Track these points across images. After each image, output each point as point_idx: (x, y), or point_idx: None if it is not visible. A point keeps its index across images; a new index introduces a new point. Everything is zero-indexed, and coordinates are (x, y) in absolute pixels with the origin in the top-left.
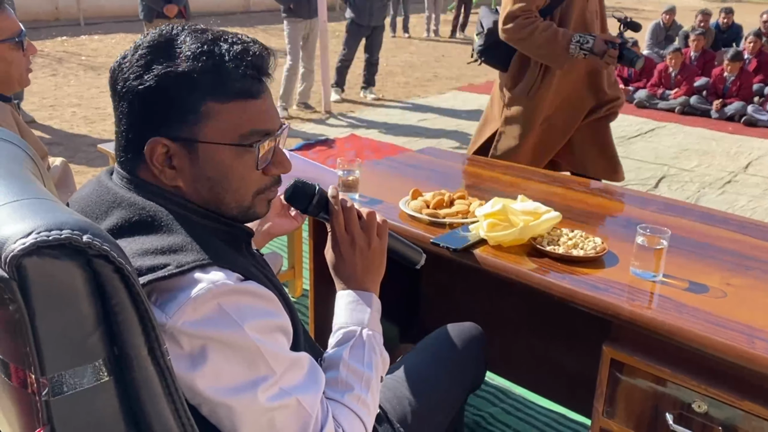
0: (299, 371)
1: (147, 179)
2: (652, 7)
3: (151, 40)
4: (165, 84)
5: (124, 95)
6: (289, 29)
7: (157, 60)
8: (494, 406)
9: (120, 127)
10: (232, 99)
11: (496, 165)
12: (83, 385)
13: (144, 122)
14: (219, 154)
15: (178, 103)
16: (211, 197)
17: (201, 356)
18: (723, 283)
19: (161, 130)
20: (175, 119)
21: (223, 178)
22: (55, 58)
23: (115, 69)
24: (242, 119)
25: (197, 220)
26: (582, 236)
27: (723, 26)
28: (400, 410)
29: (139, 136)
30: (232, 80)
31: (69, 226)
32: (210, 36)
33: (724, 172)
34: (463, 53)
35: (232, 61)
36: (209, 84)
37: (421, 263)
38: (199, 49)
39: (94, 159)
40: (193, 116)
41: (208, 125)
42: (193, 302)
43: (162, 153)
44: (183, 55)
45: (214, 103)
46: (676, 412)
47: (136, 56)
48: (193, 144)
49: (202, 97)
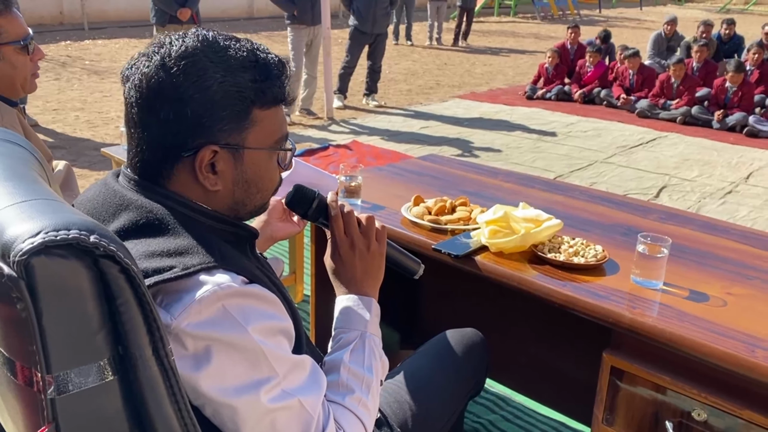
0: (301, 373)
1: (173, 185)
2: (654, 18)
3: (193, 47)
4: (220, 93)
5: (167, 102)
6: (292, 36)
7: (204, 69)
8: (494, 413)
9: (152, 133)
10: (271, 106)
11: (498, 172)
12: (88, 383)
13: (191, 129)
14: (259, 157)
15: (231, 111)
16: (243, 198)
17: (205, 357)
18: (724, 292)
19: (211, 137)
20: (227, 127)
21: (259, 180)
22: (59, 62)
23: (150, 75)
24: (276, 124)
25: (204, 221)
26: (583, 244)
27: (724, 37)
28: (401, 414)
29: (180, 142)
30: (274, 88)
31: (76, 227)
32: (248, 45)
33: (725, 183)
34: (465, 61)
35: (274, 69)
36: (257, 92)
37: (419, 273)
38: (247, 58)
39: (97, 162)
40: (242, 124)
41: (253, 131)
42: (197, 304)
43: (209, 159)
44: (232, 64)
45: (259, 111)
46: (676, 420)
47: (183, 63)
48: (240, 150)
49: (251, 105)
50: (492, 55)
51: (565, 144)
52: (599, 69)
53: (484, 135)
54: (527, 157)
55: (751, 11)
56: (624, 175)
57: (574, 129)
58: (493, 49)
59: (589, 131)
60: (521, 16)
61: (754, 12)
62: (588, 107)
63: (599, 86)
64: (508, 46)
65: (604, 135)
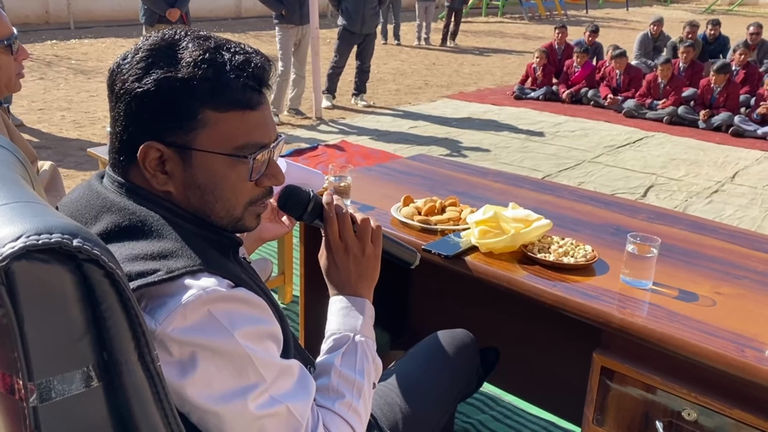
0: (289, 379)
1: (138, 183)
2: (640, 18)
3: (152, 43)
4: (163, 88)
5: (121, 96)
6: (280, 35)
7: (157, 63)
8: (483, 413)
9: (115, 128)
10: (229, 109)
11: (488, 172)
12: (72, 391)
13: (139, 125)
14: (212, 162)
15: (175, 108)
16: (201, 205)
17: (191, 363)
18: (713, 291)
19: (156, 135)
20: (171, 125)
21: (214, 187)
22: (45, 61)
23: (114, 70)
24: (238, 130)
25: (187, 225)
26: (572, 244)
27: (710, 38)
28: (391, 417)
29: (133, 138)
30: (231, 90)
31: (59, 230)
32: (213, 44)
33: (712, 182)
34: (453, 61)
35: (232, 71)
36: (208, 92)
37: (415, 263)
38: (201, 56)
39: (84, 163)
40: (189, 123)
41: (204, 133)
42: (183, 309)
43: (155, 157)
44: (184, 60)
45: (212, 112)
46: (666, 420)
47: (137, 58)
48: (187, 151)
49: (200, 104)
50: (480, 55)
51: (553, 144)
52: (586, 69)
53: (473, 135)
54: (515, 157)
55: (736, 12)
56: (611, 175)
57: (562, 129)
58: (481, 49)
59: (577, 131)
60: (509, 16)
61: (739, 13)
62: (575, 107)
63: (586, 86)
64: (496, 47)
65: (592, 135)
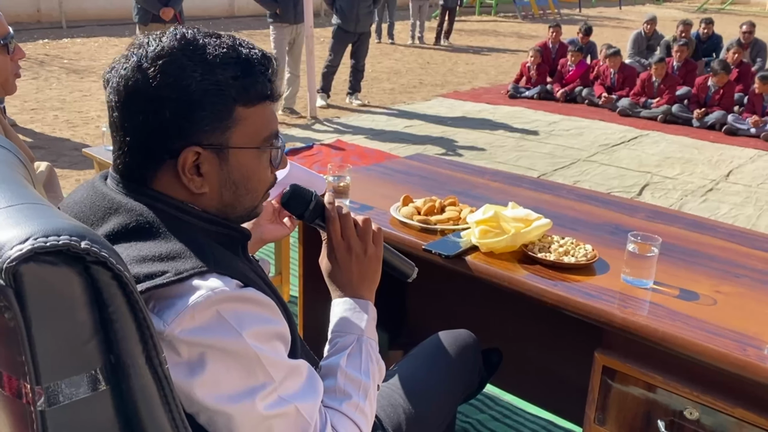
0: (298, 379)
1: (162, 190)
2: (634, 17)
3: (169, 47)
4: (198, 92)
5: (145, 104)
6: (275, 34)
7: (184, 68)
8: (482, 413)
9: (133, 136)
10: (257, 103)
11: (486, 171)
12: (79, 394)
13: (171, 131)
14: (245, 157)
15: (211, 110)
16: (232, 200)
17: (199, 364)
18: (713, 290)
19: (194, 138)
20: (208, 126)
21: (247, 180)
22: (37, 60)
23: (128, 77)
24: (263, 122)
25: (195, 222)
26: (572, 243)
27: (703, 36)
28: (395, 418)
29: (161, 145)
30: (258, 85)
31: (67, 232)
32: (228, 41)
33: (706, 180)
34: (447, 60)
35: (257, 66)
36: (239, 89)
37: (413, 277)
38: (227, 55)
39: (78, 163)
40: (225, 123)
41: (238, 130)
42: (191, 310)
43: (192, 161)
44: (211, 62)
45: (242, 108)
46: (667, 419)
47: (159, 66)
48: (224, 150)
49: (233, 102)
50: (474, 54)
51: (548, 143)
52: (581, 68)
53: (468, 134)
54: (511, 156)
55: (728, 11)
56: (607, 174)
57: (557, 128)
58: (474, 48)
59: (572, 130)
60: (502, 15)
61: (730, 12)
62: (570, 106)
63: (581, 85)
64: (490, 45)
65: (587, 134)
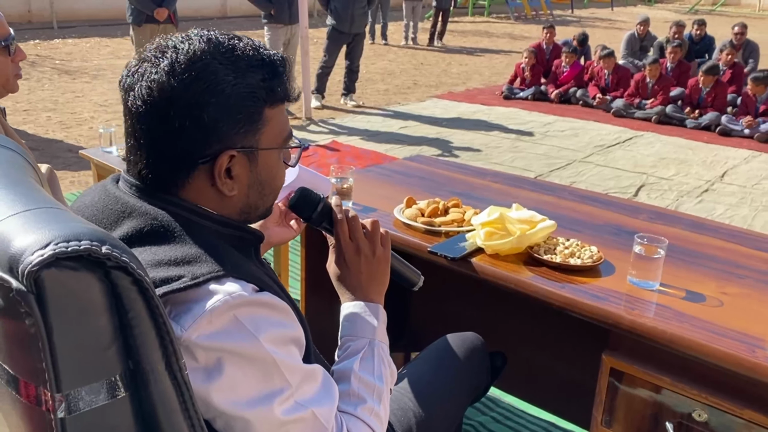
0: (314, 383)
1: (192, 198)
2: (625, 18)
3: (201, 50)
4: (234, 95)
5: (179, 110)
6: (269, 35)
7: (218, 71)
8: (484, 415)
9: (164, 142)
10: (279, 104)
11: (486, 173)
12: (99, 401)
13: (209, 135)
14: (271, 157)
15: (246, 113)
16: (256, 200)
17: (217, 369)
18: (718, 291)
19: (228, 142)
20: (243, 129)
21: (272, 179)
22: (28, 61)
23: (161, 83)
24: (283, 122)
25: (210, 225)
26: (578, 245)
27: (696, 38)
28: (405, 422)
29: (197, 149)
30: (282, 86)
31: (87, 237)
32: (250, 44)
33: (701, 181)
34: (441, 61)
35: (279, 67)
36: (267, 91)
37: (419, 285)
38: (254, 58)
39: (72, 164)
40: (256, 125)
41: (266, 131)
42: (209, 315)
43: (225, 164)
44: (241, 65)
45: (269, 110)
46: (676, 421)
47: (195, 68)
48: (254, 151)
49: (262, 104)
50: (467, 54)
51: (543, 144)
52: (575, 69)
53: (464, 135)
54: (506, 157)
55: (719, 12)
56: (602, 174)
57: (552, 129)
58: (468, 48)
59: (567, 131)
60: (495, 16)
61: (722, 13)
62: (564, 107)
63: (575, 86)
64: (483, 46)
65: (581, 134)
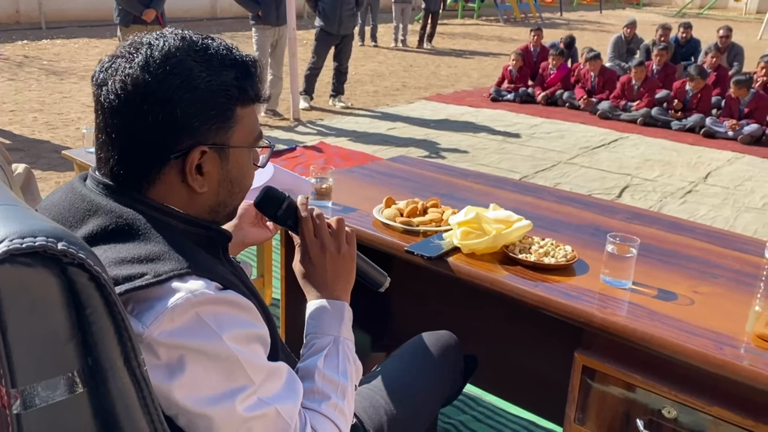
0: (278, 381)
1: (158, 189)
2: (614, 21)
3: (175, 47)
4: (208, 92)
5: (152, 105)
6: (257, 36)
7: (192, 68)
8: (465, 413)
9: (136, 137)
10: (251, 103)
11: (469, 174)
12: (56, 397)
13: (180, 131)
14: (242, 155)
15: (218, 110)
16: (225, 198)
17: (179, 366)
18: (691, 290)
19: (199, 138)
20: (215, 126)
21: (241, 178)
22: (15, 62)
23: (135, 78)
24: (254, 122)
25: (176, 224)
26: (553, 244)
27: (682, 40)
28: (377, 419)
29: (166, 145)
30: (254, 85)
31: (43, 233)
32: (223, 43)
33: (685, 182)
34: (430, 63)
35: (251, 67)
36: (239, 90)
37: (385, 286)
38: (227, 57)
39: (58, 165)
40: (228, 123)
41: (237, 130)
42: (170, 312)
43: (197, 160)
44: (215, 63)
45: (241, 108)
46: (646, 417)
47: (169, 64)
48: (225, 149)
49: (235, 102)
50: (456, 57)
51: (529, 145)
52: (562, 71)
53: (451, 136)
54: (493, 158)
55: (706, 15)
56: (587, 176)
57: (538, 130)
58: (457, 51)
59: (553, 132)
60: (484, 18)
61: (708, 16)
62: (551, 109)
63: (562, 88)
64: (472, 49)
65: (567, 136)
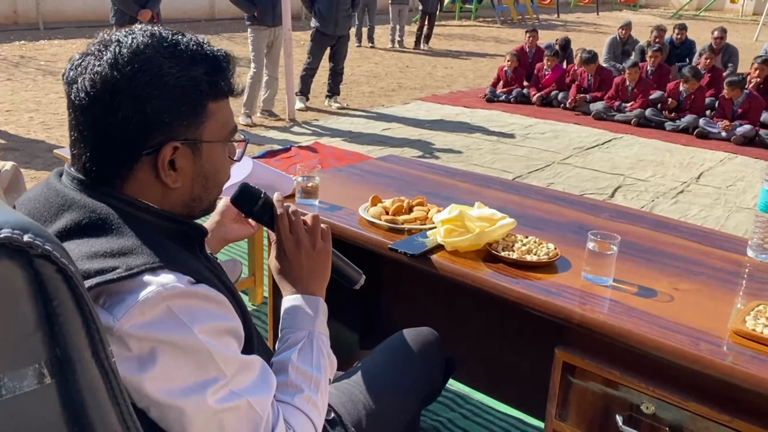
0: (250, 374)
1: (132, 185)
2: (610, 22)
3: (144, 43)
4: (178, 88)
5: (124, 102)
6: (253, 37)
7: (161, 64)
8: (452, 411)
9: (107, 134)
10: (223, 98)
11: (455, 173)
12: (23, 388)
13: (151, 127)
14: (215, 150)
15: (189, 105)
16: (200, 193)
17: (150, 359)
18: (671, 287)
19: (171, 134)
20: (186, 121)
21: (216, 173)
22: (12, 62)
23: (104, 75)
24: (227, 116)
25: (150, 219)
26: (535, 242)
27: (677, 42)
28: (355, 414)
29: (139, 141)
30: (226, 80)
31: (9, 225)
32: (194, 38)
33: (678, 183)
34: (426, 64)
35: (223, 62)
36: (211, 85)
37: (360, 283)
38: (198, 52)
39: (52, 165)
40: (200, 117)
41: (209, 125)
42: (141, 305)
43: (169, 156)
44: (185, 59)
45: (212, 103)
46: (625, 413)
47: (138, 61)
48: (198, 144)
49: (206, 97)
50: (453, 58)
51: (523, 145)
52: (557, 72)
53: (446, 137)
54: (487, 159)
55: (702, 17)
56: (580, 176)
57: (533, 131)
58: (454, 52)
59: (547, 133)
60: (481, 20)
61: (705, 18)
62: (546, 110)
63: (557, 89)
64: (469, 50)
65: (561, 137)
